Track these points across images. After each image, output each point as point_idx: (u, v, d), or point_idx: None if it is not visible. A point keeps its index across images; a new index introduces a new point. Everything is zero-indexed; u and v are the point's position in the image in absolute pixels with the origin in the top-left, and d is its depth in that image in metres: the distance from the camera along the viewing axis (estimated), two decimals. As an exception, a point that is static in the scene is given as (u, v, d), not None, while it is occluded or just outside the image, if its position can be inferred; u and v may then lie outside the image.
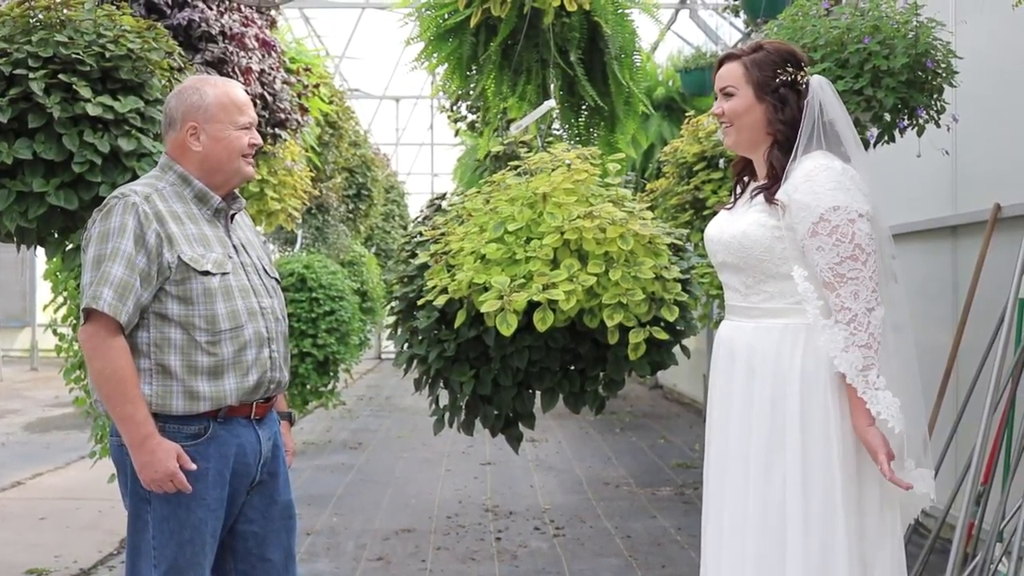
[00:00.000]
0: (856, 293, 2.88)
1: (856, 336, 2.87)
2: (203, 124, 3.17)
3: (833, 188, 2.92)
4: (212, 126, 3.17)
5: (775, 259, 3.01)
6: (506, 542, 6.50)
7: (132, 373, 2.98)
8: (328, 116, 8.90)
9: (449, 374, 4.54)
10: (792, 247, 2.99)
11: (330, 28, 16.52)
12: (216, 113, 3.17)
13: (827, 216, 2.90)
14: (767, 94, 3.09)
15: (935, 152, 5.04)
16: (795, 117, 3.07)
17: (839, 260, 2.89)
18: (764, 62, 3.11)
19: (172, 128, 3.21)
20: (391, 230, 16.84)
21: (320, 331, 9.72)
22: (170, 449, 2.98)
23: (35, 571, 5.79)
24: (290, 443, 3.47)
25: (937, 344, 5.92)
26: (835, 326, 2.90)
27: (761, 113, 3.10)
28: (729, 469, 3.06)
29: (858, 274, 2.88)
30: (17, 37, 4.00)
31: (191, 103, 3.18)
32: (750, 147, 3.16)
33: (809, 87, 3.09)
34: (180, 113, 3.19)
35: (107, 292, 2.95)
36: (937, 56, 4.58)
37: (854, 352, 2.86)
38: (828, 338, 2.91)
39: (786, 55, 3.12)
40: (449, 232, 4.48)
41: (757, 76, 3.10)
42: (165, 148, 3.25)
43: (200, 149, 3.17)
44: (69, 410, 12.17)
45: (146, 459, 2.97)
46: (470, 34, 5.48)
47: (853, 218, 2.90)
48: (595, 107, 5.76)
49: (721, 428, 3.13)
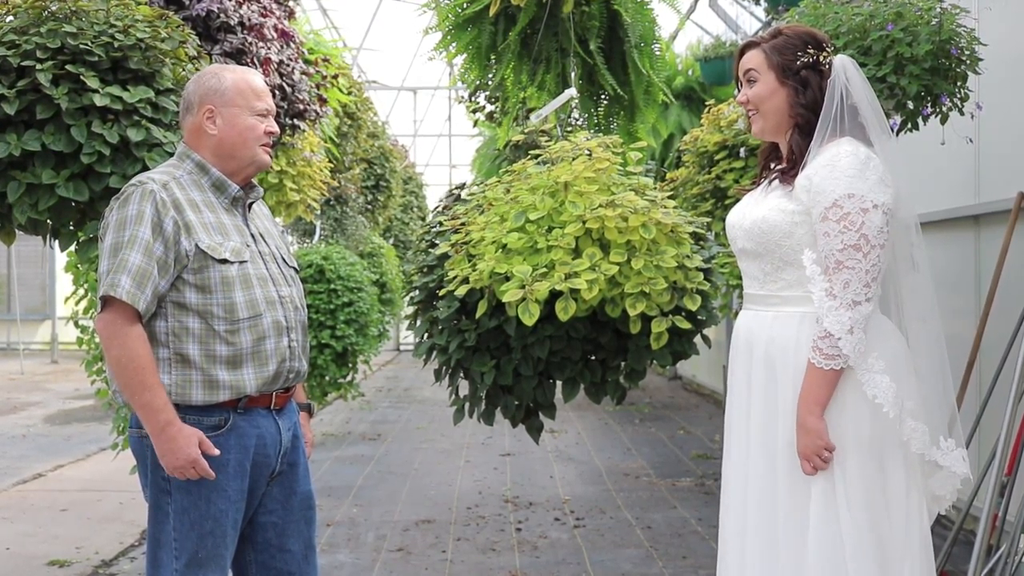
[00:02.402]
0: (847, 283, 2.85)
1: (824, 322, 2.86)
2: (219, 108, 3.16)
3: (853, 176, 2.88)
4: (228, 110, 3.16)
5: (794, 245, 2.99)
6: (526, 533, 6.49)
7: (150, 360, 2.97)
8: (347, 107, 8.88)
9: (469, 364, 4.52)
10: (809, 232, 2.96)
11: (348, 20, 16.48)
12: (233, 97, 3.17)
13: (840, 202, 2.87)
14: (789, 77, 3.07)
15: (958, 140, 4.99)
16: (816, 100, 3.04)
17: (842, 247, 2.86)
18: (784, 46, 3.09)
19: (189, 112, 3.21)
20: (409, 221, 16.83)
21: (339, 322, 9.72)
22: (191, 435, 2.97)
23: (57, 562, 5.80)
24: (309, 434, 3.46)
25: (960, 335, 5.88)
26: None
27: (784, 97, 3.07)
28: (753, 461, 3.04)
29: (856, 264, 2.85)
30: (28, 29, 4.00)
31: (209, 87, 3.18)
32: (776, 132, 3.14)
33: (832, 68, 3.05)
34: (198, 97, 3.18)
35: (125, 279, 2.94)
36: (961, 43, 4.54)
37: (819, 339, 2.87)
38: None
39: (806, 37, 3.10)
40: (470, 222, 4.45)
41: (778, 60, 3.08)
42: (182, 135, 3.25)
43: (216, 133, 3.16)
44: (90, 402, 12.22)
45: (167, 446, 2.96)
46: (489, 23, 5.47)
47: (867, 207, 2.86)
48: (615, 96, 5.74)
49: (741, 419, 3.10)
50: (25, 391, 14.64)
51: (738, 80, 3.19)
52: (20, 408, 12.74)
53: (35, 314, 20.92)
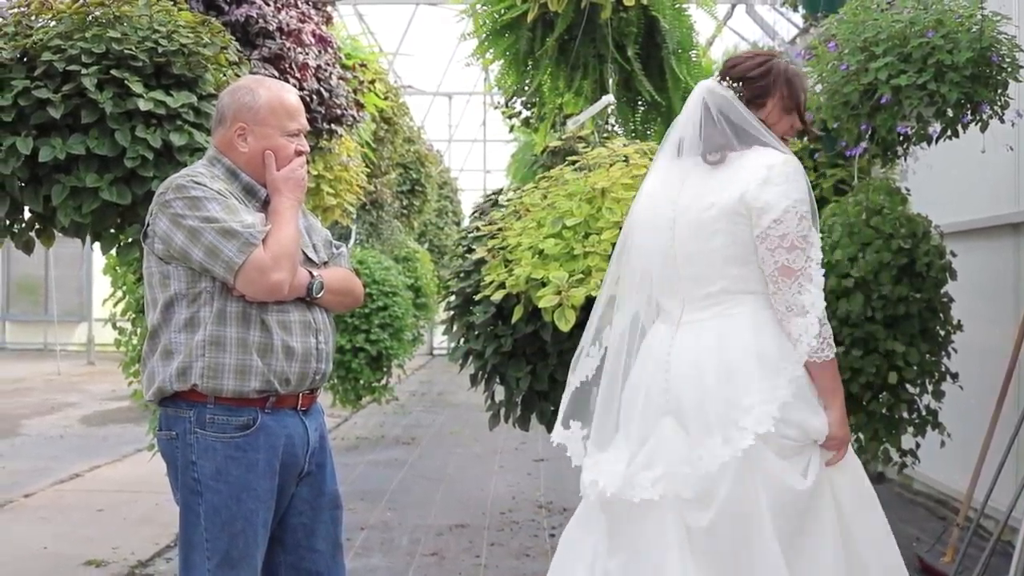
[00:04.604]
0: None
1: None
2: (252, 126, 3.16)
3: None
4: (260, 129, 3.17)
5: None
6: (560, 538, 6.47)
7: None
8: (383, 112, 8.92)
9: (505, 369, 4.53)
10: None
11: (383, 25, 16.53)
12: (266, 117, 3.17)
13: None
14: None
15: (999, 148, 4.96)
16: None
17: None
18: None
19: (222, 125, 3.21)
20: (444, 226, 16.87)
21: (373, 326, 9.75)
22: None
23: (93, 562, 5.84)
24: None
25: (998, 344, 5.83)
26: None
27: None
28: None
29: None
30: (73, 34, 4.03)
31: (243, 103, 3.18)
32: None
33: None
34: (232, 111, 3.18)
35: (231, 244, 2.98)
36: (1002, 50, 4.51)
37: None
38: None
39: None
40: (506, 227, 4.46)
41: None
42: (213, 141, 3.26)
43: (246, 151, 3.17)
44: (126, 403, 12.28)
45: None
46: (527, 29, 5.48)
47: None
48: (652, 102, 5.74)
49: None
50: (62, 392, 14.77)
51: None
52: (57, 409, 12.85)
53: (72, 316, 21.10)
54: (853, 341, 5.07)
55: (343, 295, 3.33)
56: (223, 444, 3.05)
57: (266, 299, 3.05)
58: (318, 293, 3.18)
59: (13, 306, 22.53)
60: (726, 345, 2.95)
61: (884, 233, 5.13)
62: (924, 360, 5.13)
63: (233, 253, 2.97)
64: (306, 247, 3.28)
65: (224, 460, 3.05)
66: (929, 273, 5.13)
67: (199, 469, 3.06)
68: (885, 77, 4.44)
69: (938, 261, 5.17)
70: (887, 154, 5.25)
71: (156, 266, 3.10)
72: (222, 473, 3.05)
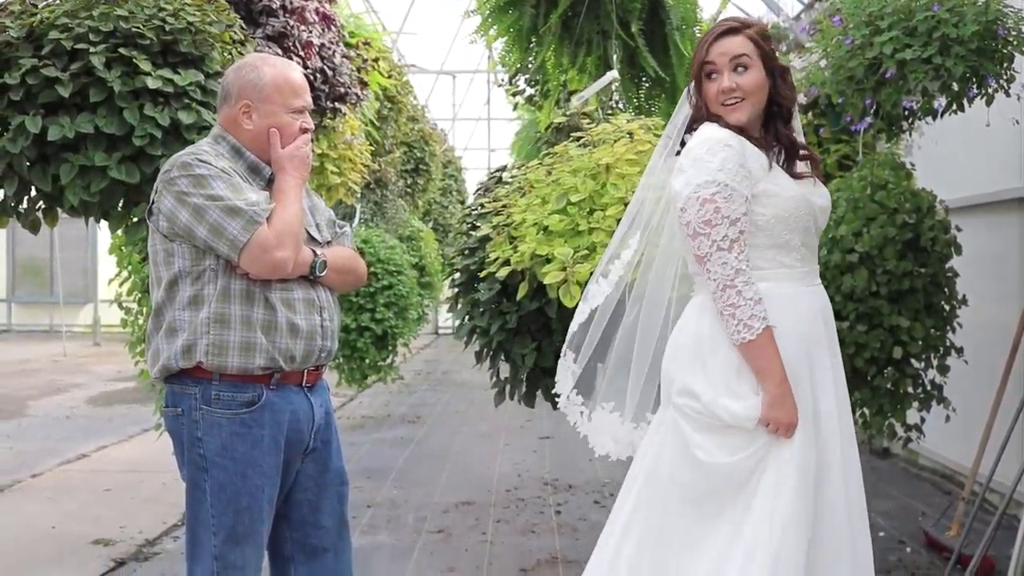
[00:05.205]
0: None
1: None
2: (256, 104, 3.16)
3: None
4: (265, 107, 3.17)
5: None
6: (566, 515, 6.50)
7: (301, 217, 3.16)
8: (387, 90, 8.90)
9: (510, 346, 4.53)
10: None
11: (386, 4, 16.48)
12: (271, 94, 3.17)
13: None
14: (772, 68, 3.06)
15: (1004, 122, 4.94)
16: (794, 90, 3.14)
17: None
18: (765, 37, 3.07)
19: (226, 103, 3.21)
20: (448, 205, 16.86)
21: (378, 305, 9.75)
22: None
23: (101, 541, 5.87)
24: None
25: (1003, 320, 5.83)
26: None
27: (766, 88, 3.04)
28: (831, 448, 2.98)
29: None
30: (79, 12, 4.03)
31: (247, 80, 3.17)
32: (754, 122, 3.05)
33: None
34: (236, 89, 3.18)
35: (235, 222, 2.98)
36: (1008, 23, 4.48)
37: None
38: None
39: (768, 32, 3.16)
40: (511, 204, 4.46)
41: (764, 50, 3.03)
42: (218, 119, 3.26)
43: (251, 128, 3.17)
44: (132, 384, 12.32)
45: None
46: (530, 5, 5.46)
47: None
48: (656, 78, 5.72)
49: (831, 399, 3.01)
50: (68, 373, 14.79)
51: (708, 64, 3.06)
52: (63, 390, 12.88)
53: (77, 297, 21.13)
54: (858, 316, 5.07)
55: (346, 274, 3.34)
56: (228, 420, 3.07)
57: (269, 277, 3.06)
58: (321, 272, 3.18)
59: (19, 288, 22.55)
60: (679, 326, 3.08)
61: (889, 208, 5.13)
62: (929, 335, 5.13)
63: (237, 231, 2.98)
64: (309, 226, 3.28)
65: (230, 436, 3.07)
66: (934, 248, 5.12)
67: (205, 445, 3.08)
68: (890, 51, 4.42)
69: (943, 236, 5.16)
70: (892, 129, 5.24)
71: (160, 244, 3.10)
72: (228, 449, 3.07)
